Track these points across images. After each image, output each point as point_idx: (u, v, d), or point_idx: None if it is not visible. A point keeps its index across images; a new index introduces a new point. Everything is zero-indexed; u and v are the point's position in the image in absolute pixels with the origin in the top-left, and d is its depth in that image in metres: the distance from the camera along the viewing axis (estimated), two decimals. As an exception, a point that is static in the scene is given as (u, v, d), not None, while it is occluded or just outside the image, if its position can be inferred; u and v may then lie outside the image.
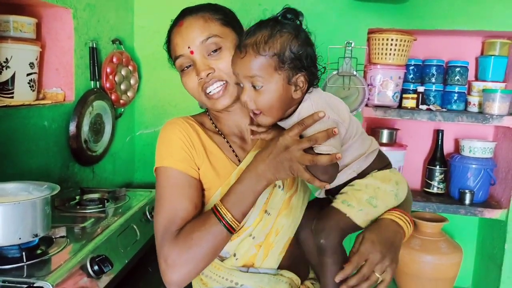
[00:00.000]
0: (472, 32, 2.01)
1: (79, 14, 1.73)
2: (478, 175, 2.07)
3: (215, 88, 1.05)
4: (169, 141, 1.08)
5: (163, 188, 1.06)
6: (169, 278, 0.98)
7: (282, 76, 0.95)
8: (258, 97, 0.96)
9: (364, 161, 1.06)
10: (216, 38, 1.04)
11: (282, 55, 0.93)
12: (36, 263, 1.06)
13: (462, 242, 2.22)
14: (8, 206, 1.03)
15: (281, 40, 0.93)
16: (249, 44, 0.94)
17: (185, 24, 1.06)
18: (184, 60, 1.06)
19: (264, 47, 0.93)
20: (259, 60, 0.93)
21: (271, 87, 0.95)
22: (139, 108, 2.27)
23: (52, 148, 1.64)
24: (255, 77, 0.94)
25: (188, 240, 0.97)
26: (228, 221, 0.97)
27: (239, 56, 0.96)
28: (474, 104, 2.06)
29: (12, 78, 1.51)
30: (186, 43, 1.04)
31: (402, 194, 1.08)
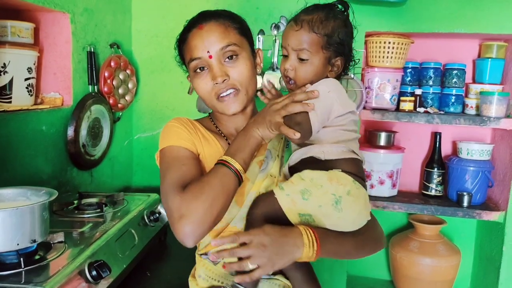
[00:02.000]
0: (469, 35, 2.01)
1: (77, 18, 1.73)
2: (476, 177, 2.07)
3: (228, 94, 1.10)
4: (172, 129, 1.13)
5: (167, 161, 1.08)
6: (181, 230, 0.93)
7: (326, 55, 1.08)
8: (300, 68, 1.08)
9: (339, 152, 1.05)
10: (234, 47, 1.09)
11: (331, 37, 1.06)
12: (34, 268, 1.06)
13: (460, 245, 2.22)
14: (6, 212, 1.02)
15: (333, 25, 1.06)
16: (305, 20, 1.06)
17: (206, 28, 1.09)
18: (200, 62, 1.09)
19: (318, 26, 1.05)
20: (312, 36, 1.05)
21: (314, 62, 1.07)
22: (137, 112, 2.27)
23: (50, 152, 1.64)
24: (304, 50, 1.06)
25: (197, 188, 0.97)
26: (233, 165, 0.99)
27: (293, 29, 1.07)
28: (472, 106, 2.07)
29: (10, 83, 1.51)
30: (206, 47, 1.08)
31: (346, 209, 1.01)
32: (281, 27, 2.04)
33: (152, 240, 1.57)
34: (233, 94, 1.10)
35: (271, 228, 0.99)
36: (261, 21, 2.09)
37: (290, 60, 1.08)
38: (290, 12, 2.02)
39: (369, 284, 2.37)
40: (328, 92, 1.03)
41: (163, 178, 1.05)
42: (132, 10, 2.21)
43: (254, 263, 0.96)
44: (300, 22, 1.06)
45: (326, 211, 1.01)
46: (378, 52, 2.04)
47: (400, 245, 2.20)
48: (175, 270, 1.51)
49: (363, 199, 1.05)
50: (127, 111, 2.17)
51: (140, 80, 2.23)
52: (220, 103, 1.11)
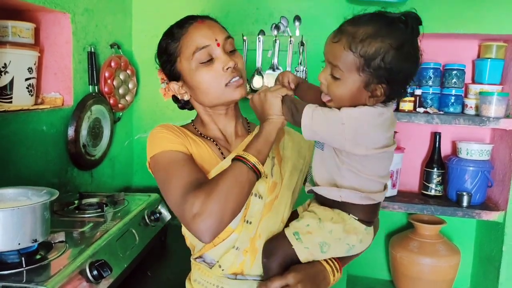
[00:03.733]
0: (469, 35, 2.02)
1: (77, 18, 1.74)
2: (476, 177, 2.08)
3: (237, 79, 1.10)
4: (159, 135, 1.10)
5: (166, 166, 1.04)
6: (198, 227, 0.92)
7: (362, 79, 0.91)
8: (332, 85, 0.95)
9: (357, 198, 1.01)
10: (233, 40, 1.14)
11: (370, 60, 0.88)
12: (35, 268, 1.06)
13: (460, 244, 2.23)
14: (7, 211, 1.03)
15: (378, 46, 0.88)
16: (346, 32, 0.90)
17: (207, 22, 1.12)
18: (208, 50, 1.08)
19: (357, 44, 0.88)
20: (347, 54, 0.89)
21: (346, 83, 0.92)
22: (138, 112, 2.28)
23: (51, 152, 1.64)
24: (336, 67, 0.92)
25: (210, 185, 0.95)
26: (246, 157, 0.97)
27: (332, 39, 0.93)
28: (471, 106, 2.07)
29: (10, 83, 1.51)
30: (213, 35, 1.10)
31: (355, 251, 1.08)
32: (281, 28, 2.05)
33: (152, 240, 1.58)
34: (241, 80, 1.11)
35: (298, 268, 1.04)
36: (262, 22, 2.09)
37: (324, 73, 0.96)
38: (290, 12, 2.04)
39: (369, 284, 2.37)
40: (342, 124, 0.91)
41: (166, 185, 1.02)
42: (132, 10, 2.21)
43: None
44: (340, 34, 0.91)
45: (339, 255, 1.09)
46: (378, 53, 2.04)
47: (400, 245, 2.20)
48: (175, 270, 1.52)
49: (371, 239, 1.09)
50: (128, 111, 2.17)
51: (141, 81, 2.24)
52: (228, 89, 1.10)
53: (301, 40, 2.02)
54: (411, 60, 0.92)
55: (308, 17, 2.05)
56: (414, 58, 0.93)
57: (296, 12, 2.05)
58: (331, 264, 1.08)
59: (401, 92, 0.97)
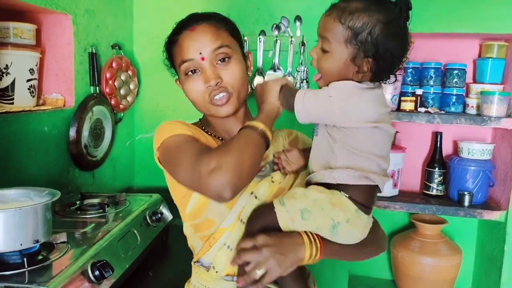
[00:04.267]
0: (470, 35, 2.01)
1: (79, 20, 1.74)
2: (477, 176, 2.08)
3: (220, 97, 1.07)
4: (169, 126, 1.08)
5: (178, 145, 1.02)
6: (217, 181, 0.88)
7: (349, 52, 0.94)
8: (321, 59, 0.98)
9: (350, 177, 0.98)
10: (226, 49, 1.07)
11: (358, 32, 0.92)
12: (37, 268, 1.07)
13: (462, 244, 2.22)
14: (9, 212, 1.03)
15: (367, 19, 0.91)
16: (338, 7, 0.95)
17: (198, 29, 1.07)
18: (191, 64, 1.07)
19: (347, 16, 0.92)
20: (336, 26, 0.94)
21: (334, 56, 0.95)
22: (139, 113, 2.28)
23: (53, 153, 1.65)
24: (325, 39, 0.96)
25: (227, 145, 0.96)
26: (254, 125, 0.98)
27: (325, 13, 0.98)
28: (472, 106, 2.07)
29: (12, 84, 1.52)
30: (198, 49, 1.06)
31: (342, 235, 0.99)
32: (282, 28, 2.05)
33: (154, 240, 1.58)
34: (225, 98, 1.07)
35: (271, 234, 0.99)
36: (262, 22, 2.09)
37: (315, 48, 1.00)
38: (291, 13, 2.04)
39: (370, 284, 2.37)
40: (329, 97, 0.94)
41: (177, 160, 0.99)
42: (133, 11, 2.22)
43: (261, 268, 0.95)
44: (332, 9, 0.96)
45: (323, 233, 1.00)
46: (378, 52, 2.04)
47: (401, 244, 2.20)
48: (177, 270, 1.52)
49: (362, 227, 1.01)
50: (129, 112, 2.18)
51: (142, 81, 2.24)
52: (213, 106, 1.09)
53: (302, 40, 2.02)
54: (398, 40, 0.94)
55: (309, 17, 2.05)
56: (402, 39, 0.95)
57: (296, 12, 2.05)
58: (311, 240, 0.99)
59: (387, 72, 0.98)
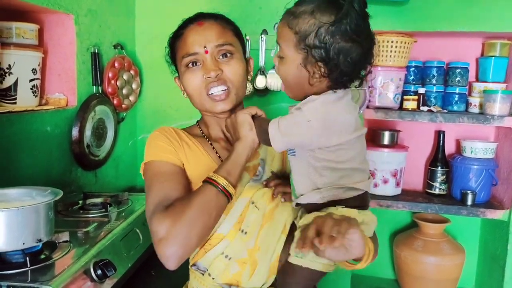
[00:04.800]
0: (472, 33, 2.01)
1: (81, 19, 1.75)
2: (480, 175, 2.07)
3: (219, 91, 1.08)
4: (155, 142, 1.12)
5: (151, 177, 1.08)
6: (162, 253, 0.92)
7: (300, 57, 0.91)
8: (278, 65, 0.97)
9: (341, 192, 0.96)
10: (230, 46, 1.10)
11: (304, 37, 0.88)
12: (39, 268, 1.07)
13: (465, 243, 2.22)
14: (12, 211, 1.03)
15: (312, 22, 0.87)
16: (288, 12, 0.92)
17: (206, 25, 1.10)
18: (195, 58, 1.08)
19: (293, 21, 0.90)
20: (286, 31, 0.92)
21: (287, 61, 0.93)
22: (141, 112, 2.28)
23: (55, 153, 1.65)
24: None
25: (177, 209, 0.94)
26: (216, 180, 0.96)
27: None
28: (475, 105, 2.06)
29: (15, 84, 1.52)
30: (203, 42, 1.08)
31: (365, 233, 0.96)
32: (284, 27, 2.05)
33: (156, 239, 1.58)
34: (224, 94, 1.08)
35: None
36: (264, 21, 2.09)
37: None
38: (293, 11, 2.04)
39: (373, 283, 2.37)
40: (308, 122, 0.89)
41: (146, 197, 1.05)
42: (135, 11, 2.22)
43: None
44: (284, 13, 0.93)
45: None
46: (381, 51, 2.03)
47: (404, 244, 2.20)
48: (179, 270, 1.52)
49: (371, 218, 1.00)
50: (131, 111, 2.18)
51: (144, 81, 2.24)
52: (210, 100, 1.09)
53: (304, 39, 2.02)
54: (350, 41, 0.87)
55: (310, 16, 2.04)
56: (353, 37, 0.88)
57: (298, 11, 2.04)
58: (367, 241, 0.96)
59: (348, 76, 0.91)
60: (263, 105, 2.17)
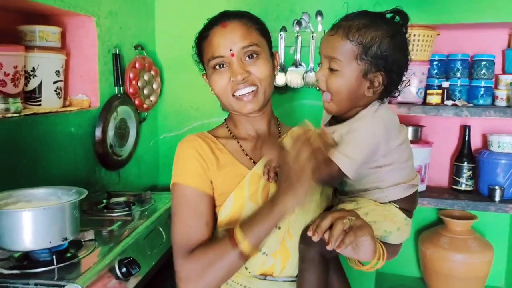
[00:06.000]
0: (498, 24, 1.95)
1: (102, 21, 1.77)
2: (508, 170, 2.01)
3: (246, 92, 1.07)
4: (182, 158, 1.11)
5: (176, 205, 1.09)
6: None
7: (361, 67, 0.94)
8: (331, 79, 0.96)
9: (401, 191, 1.02)
10: (256, 47, 1.08)
11: (368, 47, 0.92)
12: (66, 266, 1.09)
13: (493, 240, 2.16)
14: (38, 211, 1.05)
15: (374, 34, 0.93)
16: (342, 26, 0.95)
17: (230, 26, 1.08)
18: (221, 60, 1.08)
19: (354, 33, 0.92)
20: (345, 43, 0.93)
21: (346, 73, 0.94)
22: (162, 112, 2.30)
23: (79, 153, 1.68)
24: (334, 59, 0.95)
25: (200, 262, 1.00)
26: (245, 252, 0.97)
27: (328, 34, 0.97)
28: (502, 98, 2.01)
29: (39, 87, 1.55)
30: (228, 45, 1.06)
31: (391, 239, 1.03)
32: (303, 23, 2.03)
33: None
34: (252, 94, 1.07)
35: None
36: (283, 18, 2.08)
37: (322, 69, 0.99)
38: (312, 8, 2.02)
39: (398, 281, 2.33)
40: (373, 134, 0.94)
41: (172, 224, 1.08)
42: (155, 12, 2.24)
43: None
44: (336, 28, 0.96)
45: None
46: (403, 45, 2.00)
47: (430, 241, 2.15)
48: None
49: (408, 231, 1.06)
50: (152, 111, 2.20)
51: (165, 81, 2.26)
52: (237, 101, 1.08)
53: (324, 35, 2.00)
54: (403, 51, 0.97)
55: (330, 12, 2.02)
56: (405, 50, 0.98)
57: (318, 7, 2.03)
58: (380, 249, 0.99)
59: (396, 85, 0.99)
60: (283, 102, 2.16)
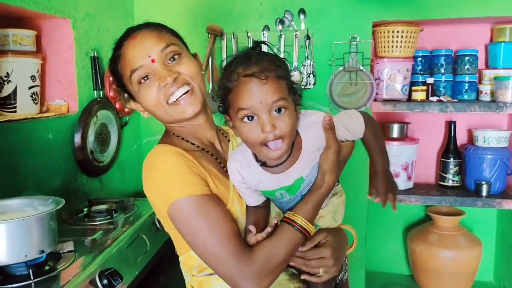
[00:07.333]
0: (480, 19, 1.95)
1: (79, 24, 1.72)
2: (494, 165, 2.01)
3: (181, 94, 1.00)
4: (172, 171, 0.99)
5: (193, 220, 0.95)
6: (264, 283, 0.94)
7: (292, 97, 0.96)
8: (283, 122, 0.91)
9: None
10: (174, 46, 1.01)
11: (289, 77, 0.96)
12: (44, 280, 1.04)
13: (481, 235, 2.17)
14: (12, 223, 1.00)
15: (285, 65, 0.97)
16: (265, 70, 0.91)
17: (140, 35, 1.01)
18: (143, 71, 1.00)
19: (278, 70, 0.93)
20: (281, 82, 0.93)
21: (290, 110, 0.94)
22: (145, 116, 2.25)
23: (58, 160, 1.63)
24: (281, 100, 0.91)
25: (265, 254, 0.94)
26: (300, 224, 0.96)
27: (259, 84, 0.90)
28: (486, 92, 2.01)
29: (14, 92, 1.50)
30: (145, 53, 0.99)
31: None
32: (286, 22, 2.01)
33: (164, 245, 1.54)
34: (188, 94, 1.00)
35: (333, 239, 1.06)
36: (265, 17, 2.05)
37: (269, 120, 0.90)
38: (294, 6, 2.00)
39: (388, 279, 2.32)
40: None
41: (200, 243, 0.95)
42: (134, 13, 2.19)
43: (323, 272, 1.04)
44: (261, 74, 0.90)
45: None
46: (386, 42, 1.99)
47: (419, 238, 2.15)
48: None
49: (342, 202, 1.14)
50: (134, 115, 2.15)
51: (146, 83, 2.21)
52: (175, 107, 1.01)
53: (307, 34, 1.98)
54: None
55: (313, 10, 2.00)
56: None
57: (300, 5, 2.00)
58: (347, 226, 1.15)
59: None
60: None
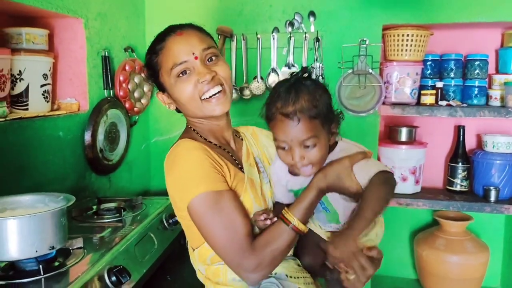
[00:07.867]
0: (491, 23, 1.94)
1: (91, 23, 1.73)
2: (503, 170, 2.00)
3: (215, 93, 1.08)
4: (196, 166, 1.03)
5: (209, 215, 1.01)
6: (252, 279, 1.03)
7: (326, 130, 1.03)
8: (311, 154, 1.02)
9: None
10: (214, 49, 1.11)
11: (324, 113, 1.01)
12: (53, 275, 1.05)
13: (489, 241, 2.15)
14: (24, 219, 1.02)
15: (322, 100, 1.02)
16: (298, 110, 0.99)
17: (186, 33, 1.10)
18: (185, 66, 1.07)
19: (312, 110, 0.99)
20: (312, 123, 1.00)
21: (321, 142, 1.02)
22: (154, 115, 2.26)
23: (68, 158, 1.64)
24: (310, 138, 1.00)
25: (264, 248, 1.02)
26: (295, 224, 1.03)
27: (291, 125, 0.99)
28: (496, 97, 2.00)
29: (26, 90, 1.51)
30: (190, 49, 1.07)
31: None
32: (295, 24, 2.01)
33: (171, 243, 1.56)
34: (221, 94, 1.08)
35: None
36: (275, 19, 2.06)
37: (298, 153, 1.01)
38: (304, 8, 2.00)
39: (394, 284, 2.31)
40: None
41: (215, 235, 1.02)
42: (145, 13, 2.20)
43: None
44: (294, 115, 0.99)
45: None
46: (396, 46, 1.98)
47: (425, 242, 2.14)
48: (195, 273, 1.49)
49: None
50: (143, 114, 2.17)
51: (156, 83, 2.22)
52: (207, 104, 1.08)
53: (317, 36, 1.98)
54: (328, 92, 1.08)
55: (323, 12, 2.01)
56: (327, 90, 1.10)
57: (310, 7, 2.01)
58: None
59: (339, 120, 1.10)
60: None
